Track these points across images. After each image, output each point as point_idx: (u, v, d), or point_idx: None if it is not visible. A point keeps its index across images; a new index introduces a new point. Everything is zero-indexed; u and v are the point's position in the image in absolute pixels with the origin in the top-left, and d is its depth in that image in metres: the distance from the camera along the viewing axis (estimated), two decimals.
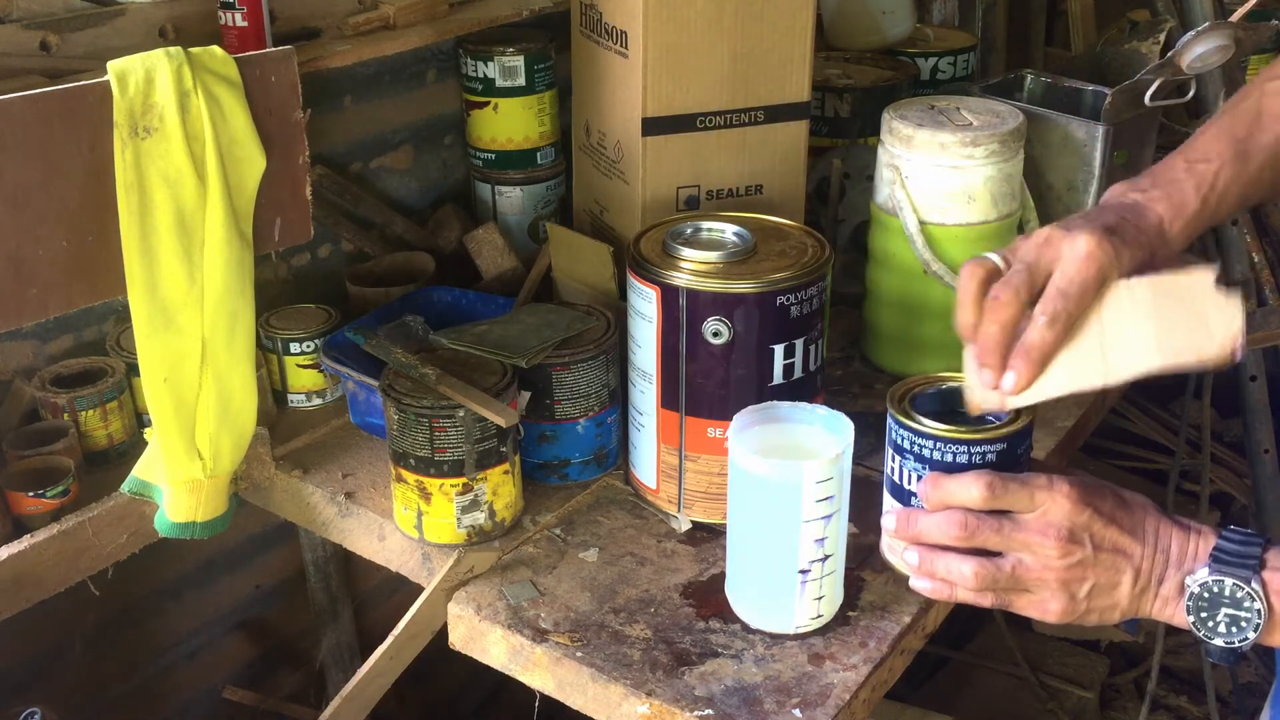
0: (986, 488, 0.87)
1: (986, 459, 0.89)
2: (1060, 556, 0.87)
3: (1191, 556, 0.86)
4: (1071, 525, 0.86)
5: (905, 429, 0.92)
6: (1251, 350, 1.96)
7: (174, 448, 1.18)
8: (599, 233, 1.52)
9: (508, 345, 1.23)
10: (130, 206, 1.10)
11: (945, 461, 0.90)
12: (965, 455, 0.89)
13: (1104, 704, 2.29)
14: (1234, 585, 0.83)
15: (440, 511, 1.17)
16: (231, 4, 1.28)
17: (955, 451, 0.90)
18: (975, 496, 0.88)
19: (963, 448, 0.89)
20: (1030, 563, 0.88)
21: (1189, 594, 0.85)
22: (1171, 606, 0.87)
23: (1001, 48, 2.49)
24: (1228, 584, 0.84)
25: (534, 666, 1.07)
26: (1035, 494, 0.87)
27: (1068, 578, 0.87)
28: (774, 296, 1.12)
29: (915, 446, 0.92)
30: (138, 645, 1.53)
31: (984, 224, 1.39)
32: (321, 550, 1.68)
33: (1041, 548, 0.87)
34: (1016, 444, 0.90)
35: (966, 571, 0.89)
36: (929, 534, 0.90)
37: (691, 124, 1.39)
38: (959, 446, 0.89)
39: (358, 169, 1.59)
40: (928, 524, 0.89)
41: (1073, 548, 0.87)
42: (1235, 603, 0.83)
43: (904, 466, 0.94)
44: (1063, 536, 0.86)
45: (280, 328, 1.40)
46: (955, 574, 0.89)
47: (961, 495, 0.88)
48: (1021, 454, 0.92)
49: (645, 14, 1.32)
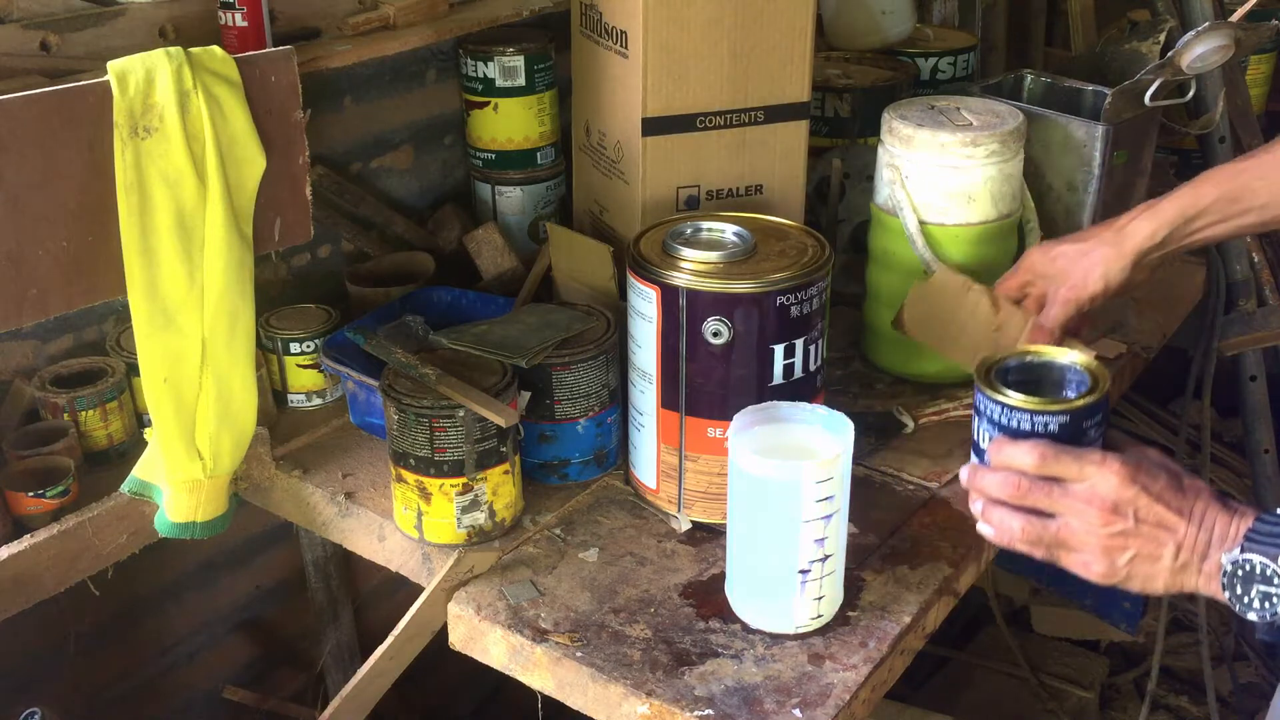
0: (1039, 455, 0.96)
1: (1049, 429, 0.97)
2: (1103, 525, 0.95)
3: (1232, 538, 0.92)
4: (1117, 499, 0.94)
5: (981, 394, 1.00)
6: (1251, 350, 1.96)
7: (174, 448, 1.18)
8: (599, 233, 1.51)
9: (508, 345, 1.23)
10: (130, 206, 1.10)
11: (1011, 427, 0.98)
12: (1029, 423, 0.97)
13: (1104, 704, 2.29)
14: (1262, 564, 0.89)
15: (440, 511, 1.17)
16: (231, 4, 1.28)
17: (1019, 419, 0.97)
18: (1028, 462, 0.97)
19: (1026, 416, 0.97)
20: (1075, 526, 0.96)
21: (1224, 571, 0.91)
22: (1213, 583, 0.93)
23: (1001, 48, 2.48)
24: (1256, 561, 0.90)
25: (534, 666, 1.07)
26: (1085, 466, 0.95)
27: (1109, 545, 0.95)
28: (774, 296, 1.12)
29: (988, 410, 1.00)
30: (138, 645, 1.53)
31: (984, 224, 1.39)
32: (321, 550, 1.68)
33: (1085, 515, 0.95)
34: (1082, 418, 0.97)
35: (1015, 526, 0.98)
36: (989, 489, 0.99)
37: (691, 124, 1.39)
38: (1023, 414, 0.97)
39: (358, 169, 1.59)
40: (989, 480, 0.99)
41: (1115, 519, 0.94)
42: (1265, 579, 0.89)
43: (980, 427, 1.02)
44: (1106, 507, 0.94)
45: (280, 328, 1.40)
46: (1006, 526, 0.99)
47: (1018, 460, 0.97)
48: (1089, 428, 0.98)
49: (645, 14, 1.32)
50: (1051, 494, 0.97)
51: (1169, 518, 0.94)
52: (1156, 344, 1.64)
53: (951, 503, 1.26)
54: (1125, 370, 1.57)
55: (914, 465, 1.32)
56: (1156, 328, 1.66)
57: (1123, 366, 1.56)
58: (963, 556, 1.18)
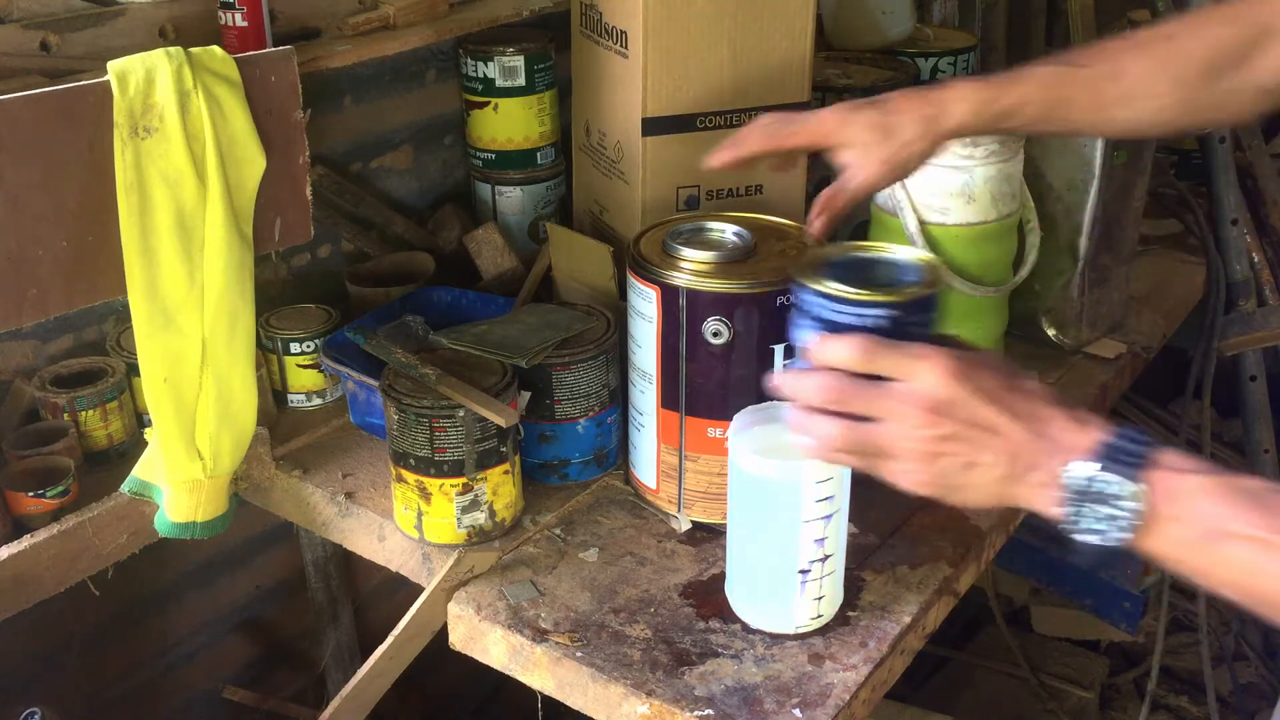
0: (861, 349, 0.86)
1: (879, 325, 0.86)
2: (925, 426, 0.84)
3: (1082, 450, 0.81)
4: (940, 397, 0.83)
5: (801, 287, 0.89)
6: (1251, 350, 1.96)
7: (174, 448, 1.18)
8: (599, 233, 1.51)
9: (508, 345, 1.23)
10: (130, 206, 1.10)
11: (833, 321, 0.87)
12: (853, 316, 0.86)
13: (1104, 704, 2.29)
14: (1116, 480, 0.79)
15: (440, 511, 1.17)
16: (231, 4, 1.28)
17: (842, 312, 0.87)
18: (848, 358, 0.86)
19: (850, 309, 0.86)
20: (895, 430, 0.85)
21: (1064, 484, 0.81)
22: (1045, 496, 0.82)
23: (1001, 48, 2.49)
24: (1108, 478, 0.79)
25: (534, 666, 1.07)
26: (911, 362, 0.85)
27: (931, 450, 0.84)
28: (774, 296, 1.12)
29: (808, 305, 0.89)
30: (138, 645, 1.53)
31: (984, 224, 1.39)
32: (321, 550, 1.68)
33: (907, 416, 0.84)
34: (913, 311, 0.87)
35: (833, 432, 0.87)
36: (804, 394, 0.88)
37: (691, 124, 1.39)
38: (846, 307, 0.86)
39: (358, 169, 1.59)
40: (804, 384, 0.88)
41: (938, 419, 0.84)
42: (1111, 499, 0.79)
43: (798, 327, 0.91)
44: (928, 406, 0.84)
45: (280, 328, 1.40)
46: (825, 434, 0.88)
47: (837, 356, 0.86)
48: (921, 324, 0.88)
49: (645, 14, 1.32)
50: (870, 394, 0.85)
51: (998, 420, 0.83)
52: (1156, 344, 1.64)
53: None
54: (1125, 370, 1.57)
55: None
56: (1156, 328, 1.66)
57: (1123, 366, 1.56)
58: (963, 556, 1.18)
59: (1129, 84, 1.11)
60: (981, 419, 0.83)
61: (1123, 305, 1.64)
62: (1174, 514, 0.78)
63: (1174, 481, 0.79)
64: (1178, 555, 0.79)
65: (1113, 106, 1.12)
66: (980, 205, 1.38)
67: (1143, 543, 0.79)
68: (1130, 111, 1.12)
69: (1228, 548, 0.77)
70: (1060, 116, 1.12)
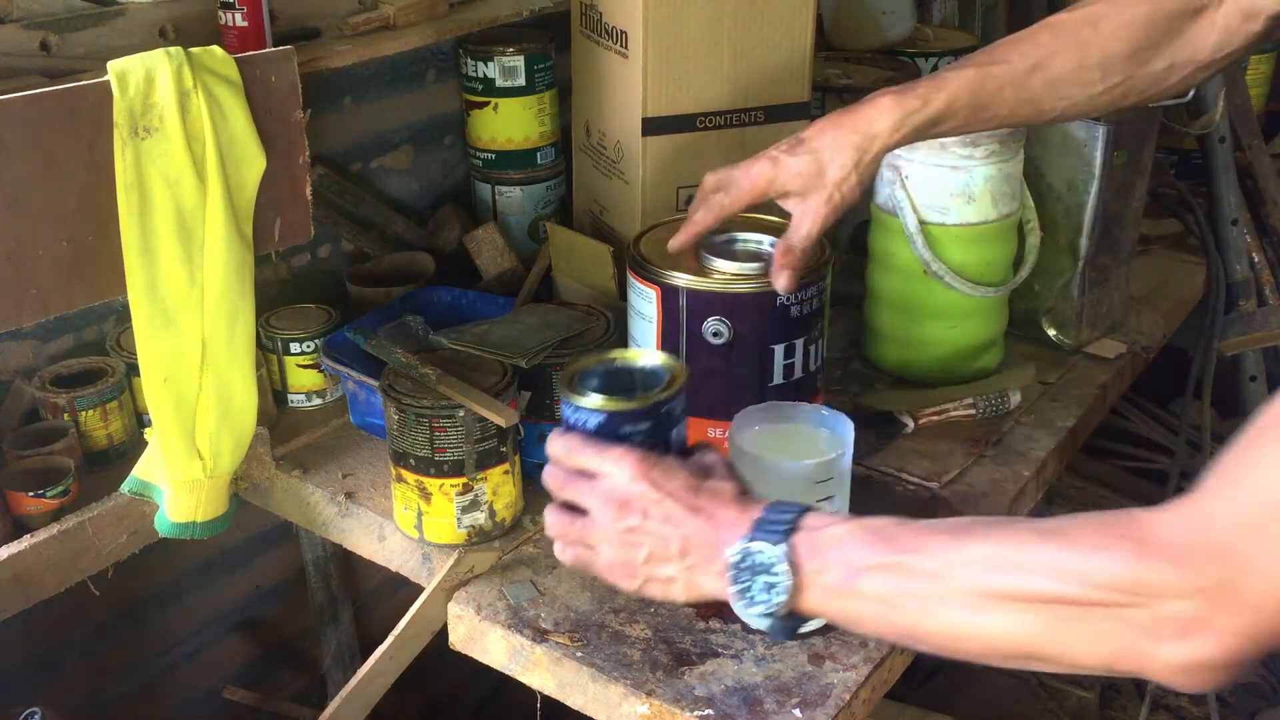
0: (564, 446, 0.93)
1: (587, 425, 0.92)
2: (616, 520, 0.90)
3: (735, 530, 0.86)
4: (627, 493, 0.89)
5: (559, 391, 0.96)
6: (1251, 350, 1.96)
7: (174, 448, 1.18)
8: (599, 233, 1.51)
9: (508, 345, 1.23)
10: (130, 206, 1.10)
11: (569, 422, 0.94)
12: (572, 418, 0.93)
13: (1104, 704, 2.29)
14: (764, 547, 0.84)
15: (440, 511, 1.17)
16: (231, 4, 1.28)
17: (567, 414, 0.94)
18: (557, 452, 0.93)
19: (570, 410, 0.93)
20: (597, 523, 0.91)
21: (728, 563, 0.85)
22: (721, 581, 0.86)
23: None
24: (759, 548, 0.84)
25: (534, 666, 1.07)
26: (603, 460, 0.91)
27: (624, 541, 0.90)
28: (774, 296, 1.12)
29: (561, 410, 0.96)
30: (138, 645, 1.53)
31: (984, 224, 1.39)
32: (321, 550, 1.68)
33: (603, 511, 0.91)
34: (620, 420, 0.92)
35: (550, 520, 0.94)
36: (544, 483, 0.95)
37: (691, 124, 1.39)
38: (568, 408, 0.93)
39: (358, 169, 1.59)
40: (544, 474, 0.95)
41: (625, 513, 0.89)
42: (766, 568, 0.83)
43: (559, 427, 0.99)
44: (617, 501, 0.90)
45: (280, 328, 1.40)
46: (548, 522, 0.95)
47: (553, 450, 0.94)
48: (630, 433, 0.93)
49: (645, 14, 1.32)
50: (580, 487, 0.92)
51: (676, 513, 0.88)
52: (1156, 344, 1.64)
53: (951, 503, 1.26)
54: (1125, 370, 1.57)
55: (914, 465, 1.32)
56: (1156, 328, 1.66)
57: (1123, 366, 1.56)
58: None
59: (1055, 73, 1.08)
60: (661, 514, 0.88)
61: (1123, 305, 1.64)
62: (818, 567, 0.82)
63: (814, 538, 0.83)
64: (831, 605, 0.83)
65: (1042, 99, 1.10)
66: (980, 205, 1.38)
67: (802, 602, 0.83)
68: (1061, 101, 1.10)
69: (864, 582, 0.81)
70: (989, 115, 1.10)
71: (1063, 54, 1.08)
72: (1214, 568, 0.68)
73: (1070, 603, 0.73)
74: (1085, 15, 1.10)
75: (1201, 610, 0.69)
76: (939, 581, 0.79)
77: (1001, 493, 1.28)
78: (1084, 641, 0.74)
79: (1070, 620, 0.73)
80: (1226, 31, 1.07)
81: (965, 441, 1.36)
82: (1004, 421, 1.40)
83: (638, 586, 0.92)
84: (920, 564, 0.80)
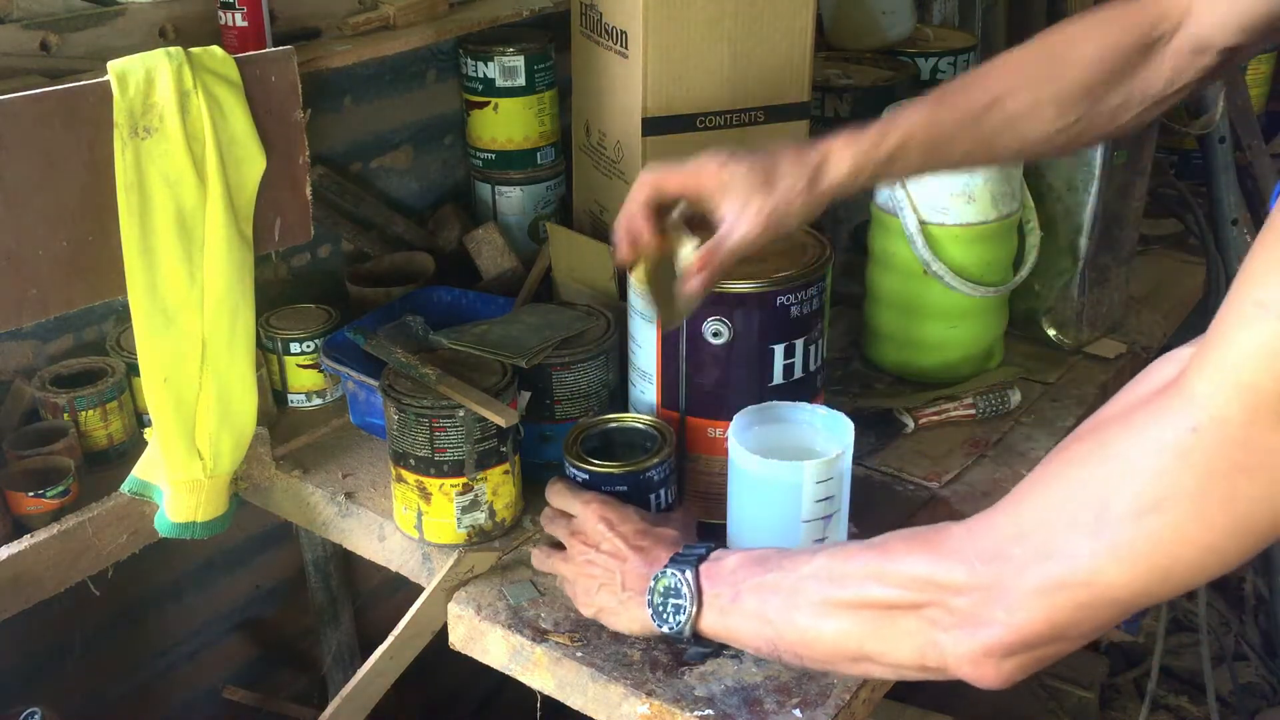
0: (551, 490, 1.12)
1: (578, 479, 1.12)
2: (579, 554, 1.06)
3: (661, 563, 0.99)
4: (588, 530, 1.05)
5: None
6: None
7: (174, 448, 1.18)
8: (599, 233, 1.51)
9: (508, 345, 1.23)
10: (130, 206, 1.10)
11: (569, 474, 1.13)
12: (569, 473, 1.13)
13: (1104, 704, 2.29)
14: (674, 576, 0.96)
15: (440, 511, 1.17)
16: (231, 4, 1.28)
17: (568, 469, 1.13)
18: (548, 494, 1.12)
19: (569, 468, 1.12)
20: (568, 555, 1.07)
21: (650, 591, 0.98)
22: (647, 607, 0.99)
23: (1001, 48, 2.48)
24: (669, 575, 0.96)
25: (534, 666, 1.07)
26: (575, 502, 1.08)
27: (582, 572, 1.05)
28: (774, 296, 1.12)
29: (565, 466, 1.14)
30: (138, 645, 1.53)
31: (984, 224, 1.39)
32: (321, 550, 1.68)
33: (571, 545, 1.07)
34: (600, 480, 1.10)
35: (537, 554, 1.13)
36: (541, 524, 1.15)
37: (691, 124, 1.39)
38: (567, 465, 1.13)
39: (358, 169, 1.59)
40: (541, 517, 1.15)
41: (585, 548, 1.05)
42: (675, 591, 0.96)
43: None
44: (581, 538, 1.06)
45: (280, 328, 1.40)
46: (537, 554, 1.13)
47: (547, 493, 1.13)
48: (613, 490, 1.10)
49: (645, 14, 1.32)
50: (557, 524, 1.10)
51: (622, 550, 1.03)
52: (1156, 344, 1.64)
53: (951, 502, 1.26)
54: (1125, 370, 1.57)
55: (914, 465, 1.32)
56: (1156, 328, 1.66)
57: (1122, 366, 1.56)
58: None
59: (1011, 111, 1.06)
60: (612, 550, 1.03)
61: (1123, 305, 1.64)
62: (714, 591, 0.95)
63: (714, 566, 0.96)
64: (720, 624, 0.94)
65: (998, 137, 1.07)
66: (980, 205, 1.38)
67: (701, 622, 0.95)
68: (1017, 139, 1.08)
69: (743, 601, 0.92)
70: (945, 154, 1.08)
71: (1018, 91, 1.06)
72: (990, 568, 0.77)
73: (885, 605, 0.82)
74: (1040, 52, 1.08)
75: (979, 604, 0.77)
76: (791, 595, 0.89)
77: (1001, 492, 1.27)
78: (898, 639, 0.82)
79: (886, 621, 0.83)
80: (1177, 67, 1.06)
81: (965, 441, 1.36)
82: (1004, 421, 1.40)
83: (593, 614, 1.05)
84: (779, 580, 0.90)
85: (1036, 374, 1.50)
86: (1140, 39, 1.05)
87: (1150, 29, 1.05)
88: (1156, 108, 1.08)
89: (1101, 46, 1.06)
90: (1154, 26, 1.05)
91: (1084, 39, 1.07)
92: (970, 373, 1.47)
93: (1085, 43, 1.06)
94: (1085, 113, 1.07)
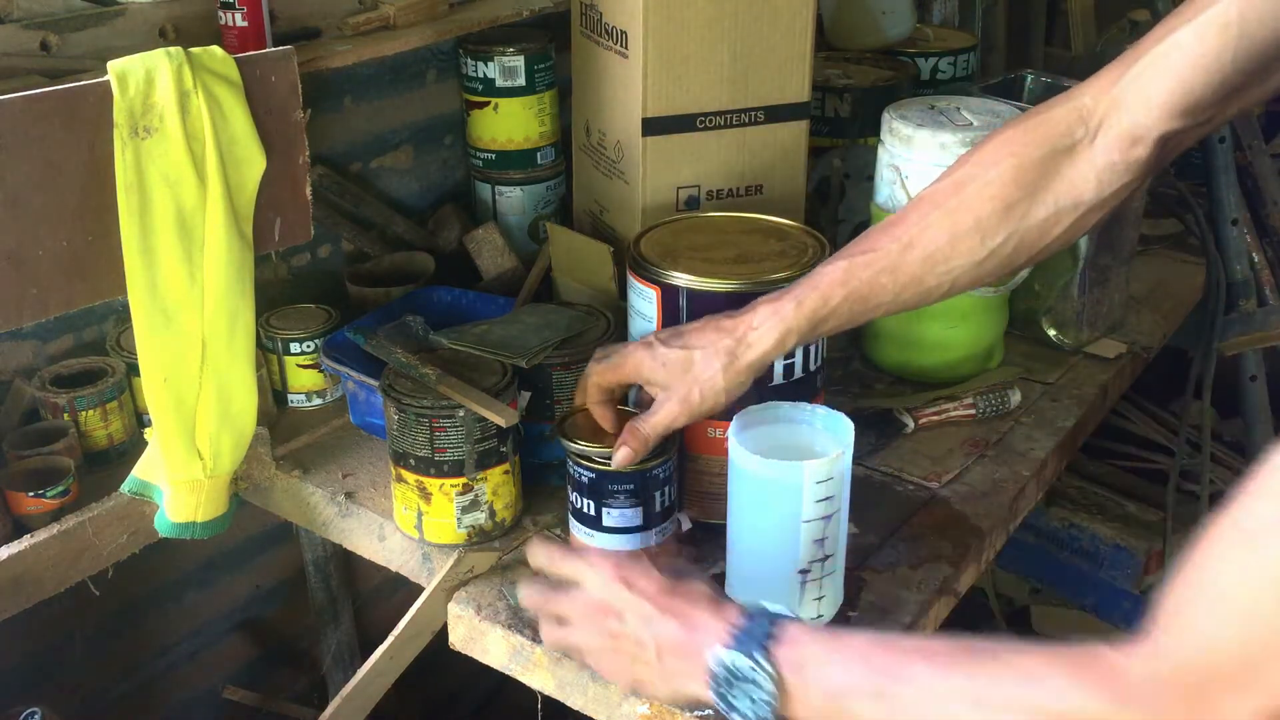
0: (546, 557, 1.00)
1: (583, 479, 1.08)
2: (599, 625, 0.94)
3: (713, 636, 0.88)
4: (604, 597, 0.94)
5: None
6: (1251, 350, 1.96)
7: (174, 448, 1.18)
8: (599, 233, 1.51)
9: (508, 345, 1.23)
10: (130, 206, 1.10)
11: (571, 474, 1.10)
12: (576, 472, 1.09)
13: None
14: (748, 661, 0.85)
15: (440, 511, 1.17)
16: (231, 4, 1.28)
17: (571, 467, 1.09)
18: (539, 563, 1.01)
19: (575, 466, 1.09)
20: (585, 630, 0.96)
21: (710, 671, 0.87)
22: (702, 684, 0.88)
23: (1001, 48, 2.49)
24: (741, 660, 0.85)
25: (534, 666, 1.07)
26: (582, 569, 0.96)
27: (607, 645, 0.94)
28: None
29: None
30: (138, 645, 1.53)
31: None
32: (321, 550, 1.68)
33: (588, 617, 0.95)
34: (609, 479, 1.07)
35: (543, 632, 1.00)
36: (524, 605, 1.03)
37: (691, 124, 1.39)
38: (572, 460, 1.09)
39: (358, 169, 1.59)
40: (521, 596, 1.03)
41: (605, 619, 0.93)
42: (750, 679, 0.85)
43: None
44: (596, 607, 0.94)
45: (280, 328, 1.40)
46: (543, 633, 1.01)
47: (533, 559, 1.01)
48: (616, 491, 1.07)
49: (645, 14, 1.32)
50: (562, 601, 0.97)
51: (649, 612, 0.91)
52: (1156, 344, 1.64)
53: (951, 502, 1.26)
54: (1125, 370, 1.57)
55: (914, 465, 1.32)
56: (1156, 328, 1.66)
57: (1123, 366, 1.56)
58: (962, 556, 1.18)
59: (930, 248, 1.03)
60: (639, 616, 0.92)
61: (1123, 305, 1.64)
62: (802, 683, 0.84)
63: (796, 654, 0.85)
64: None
65: (924, 277, 1.04)
66: None
67: (789, 712, 0.85)
68: (946, 275, 1.04)
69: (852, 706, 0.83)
70: (874, 304, 1.05)
71: (933, 227, 1.03)
72: (1180, 709, 0.70)
73: None
74: (951, 183, 1.05)
75: None
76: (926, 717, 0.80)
77: (1001, 493, 1.28)
78: None
79: None
80: (1109, 166, 1.02)
81: (965, 441, 1.36)
82: (1004, 421, 1.40)
83: (631, 689, 0.98)
84: (905, 694, 0.81)
85: (1037, 374, 1.50)
86: (1052, 149, 1.02)
87: (1063, 136, 1.02)
88: (1095, 212, 1.04)
89: (1012, 165, 1.03)
90: (1068, 133, 1.02)
91: (992, 162, 1.04)
92: (970, 373, 1.47)
93: (993, 165, 1.03)
94: (1012, 231, 1.03)
